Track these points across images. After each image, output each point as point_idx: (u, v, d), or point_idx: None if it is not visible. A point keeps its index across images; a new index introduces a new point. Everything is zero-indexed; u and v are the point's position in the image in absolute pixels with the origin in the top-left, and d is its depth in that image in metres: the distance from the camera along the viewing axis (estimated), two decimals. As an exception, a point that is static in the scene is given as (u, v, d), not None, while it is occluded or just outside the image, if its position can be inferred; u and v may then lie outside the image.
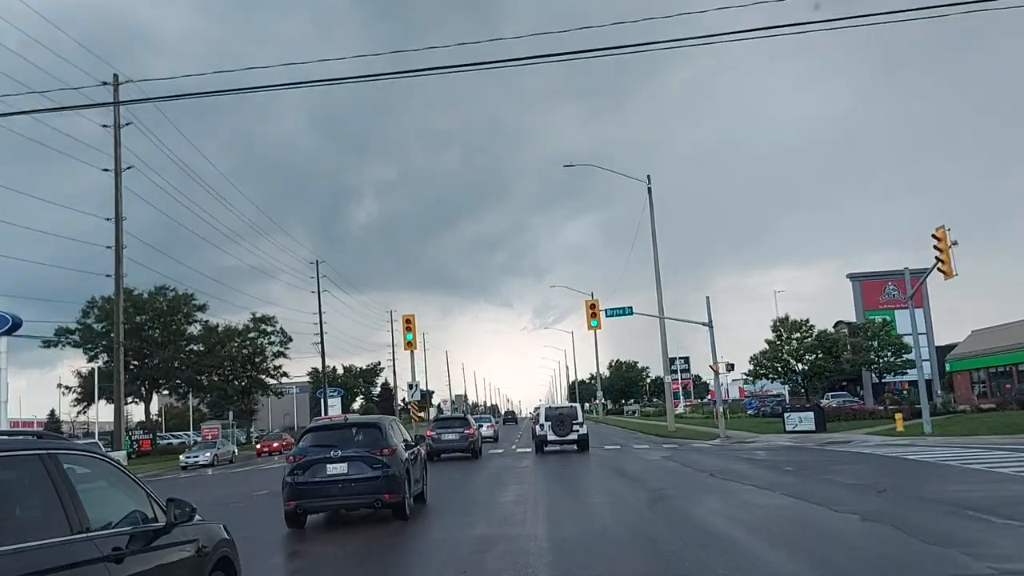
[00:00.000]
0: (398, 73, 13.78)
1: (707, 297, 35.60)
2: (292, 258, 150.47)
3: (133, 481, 5.15)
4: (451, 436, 31.02)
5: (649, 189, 40.96)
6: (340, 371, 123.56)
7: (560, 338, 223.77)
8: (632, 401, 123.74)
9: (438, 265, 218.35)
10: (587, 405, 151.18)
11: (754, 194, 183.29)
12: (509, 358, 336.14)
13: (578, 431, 31.38)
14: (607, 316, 36.71)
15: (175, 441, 51.36)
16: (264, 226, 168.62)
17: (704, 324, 35.64)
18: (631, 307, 36.96)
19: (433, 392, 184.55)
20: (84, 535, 4.11)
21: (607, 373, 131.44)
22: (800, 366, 41.50)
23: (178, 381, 55.83)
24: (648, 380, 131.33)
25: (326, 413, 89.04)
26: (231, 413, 59.84)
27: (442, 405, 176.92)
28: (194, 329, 58.11)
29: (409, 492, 13.35)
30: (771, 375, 42.23)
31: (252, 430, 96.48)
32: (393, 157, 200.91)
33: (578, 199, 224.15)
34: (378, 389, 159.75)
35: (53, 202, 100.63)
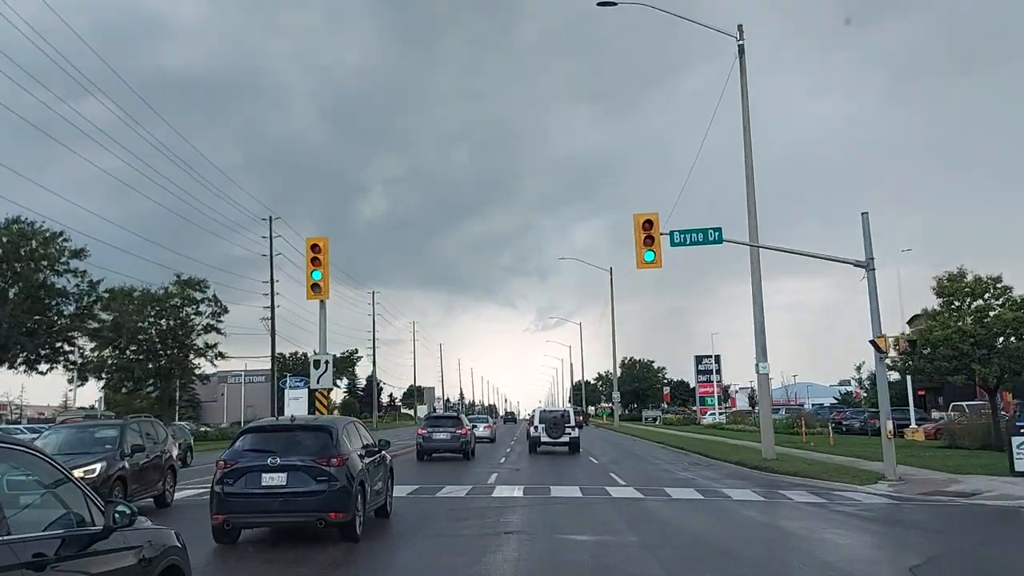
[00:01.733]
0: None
1: (864, 214, 21.07)
2: (296, 251, 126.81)
3: (70, 481, 4.84)
4: (442, 435, 29.92)
5: (741, 47, 27.04)
6: (311, 357, 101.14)
7: (564, 334, 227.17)
8: (652, 406, 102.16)
9: (442, 262, 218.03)
10: (592, 408, 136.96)
11: (764, 200, 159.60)
12: (510, 358, 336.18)
13: (570, 434, 32.91)
14: (673, 245, 22.44)
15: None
16: (270, 218, 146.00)
17: (857, 264, 21.21)
18: (719, 228, 16.34)
19: (423, 389, 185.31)
20: None
21: (619, 372, 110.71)
22: (978, 351, 20.68)
23: (31, 354, 36.24)
24: (666, 383, 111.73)
25: (280, 408, 75.06)
26: (100, 402, 40.08)
27: (435, 404, 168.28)
28: (67, 282, 44.24)
29: (363, 508, 11.56)
30: (938, 363, 21.87)
31: (192, 425, 78.97)
32: (402, 152, 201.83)
33: (588, 201, 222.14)
34: (355, 381, 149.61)
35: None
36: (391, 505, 14.03)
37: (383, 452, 13.81)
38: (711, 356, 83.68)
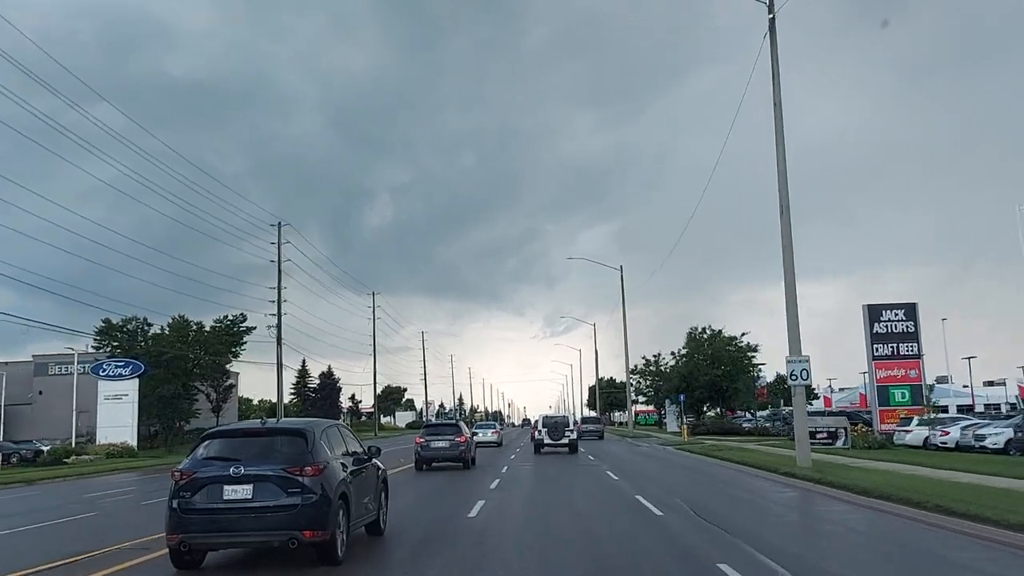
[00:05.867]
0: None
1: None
2: (304, 258, 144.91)
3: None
4: (441, 444, 30.14)
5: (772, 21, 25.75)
6: (162, 329, 53.30)
7: (576, 337, 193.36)
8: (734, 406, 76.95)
9: (449, 269, 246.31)
10: (618, 415, 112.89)
11: (769, 205, 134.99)
12: (519, 366, 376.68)
13: (569, 437, 39.06)
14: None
15: None
16: (274, 226, 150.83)
17: None
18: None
19: (406, 390, 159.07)
20: None
21: (682, 350, 61.20)
22: None
23: None
24: (760, 371, 62.64)
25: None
26: None
27: (426, 409, 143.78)
28: None
29: (346, 525, 11.21)
30: None
31: None
32: (408, 158, 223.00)
33: (594, 206, 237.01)
34: (306, 379, 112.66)
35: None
36: (385, 521, 13.92)
37: (374, 460, 13.73)
38: (901, 306, 33.86)
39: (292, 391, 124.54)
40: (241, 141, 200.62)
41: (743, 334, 72.46)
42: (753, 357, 71.84)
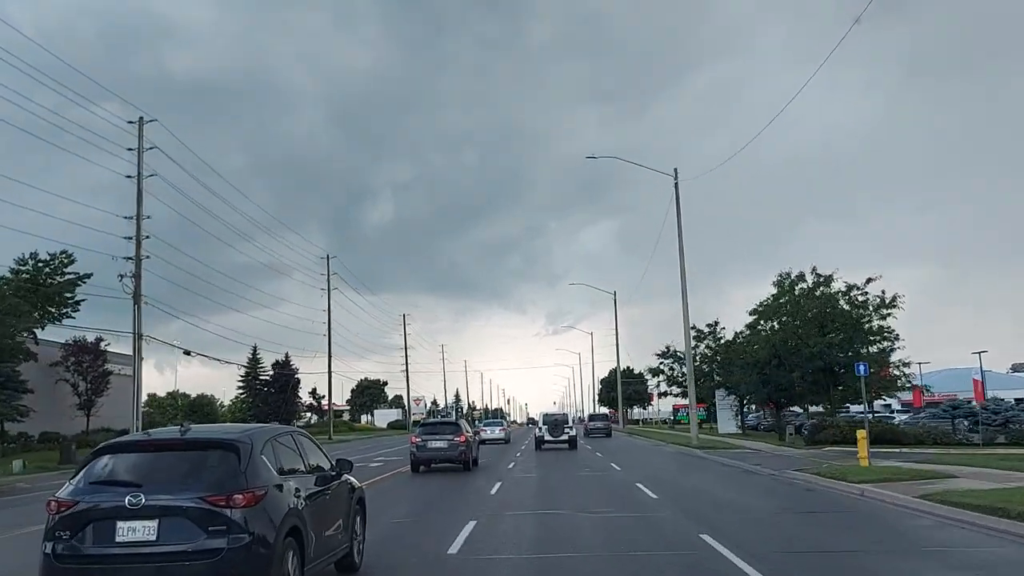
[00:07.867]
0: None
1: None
2: (304, 257, 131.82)
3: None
4: (439, 444, 28.91)
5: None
6: None
7: (577, 337, 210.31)
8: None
9: (451, 268, 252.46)
10: (638, 410, 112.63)
11: (775, 202, 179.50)
12: (521, 364, 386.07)
13: (569, 433, 42.94)
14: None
15: None
16: (277, 225, 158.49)
17: None
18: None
19: (386, 383, 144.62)
20: None
21: (758, 313, 33.19)
22: None
23: None
24: (892, 336, 36.84)
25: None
26: None
27: (415, 405, 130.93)
28: None
29: (300, 571, 8.55)
30: None
31: None
32: (410, 156, 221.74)
33: (596, 204, 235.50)
34: (257, 369, 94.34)
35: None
36: (361, 553, 11.31)
37: (345, 477, 11.14)
38: None
39: (240, 385, 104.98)
40: (241, 138, 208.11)
41: (868, 280, 44.82)
42: (888, 315, 43.33)
